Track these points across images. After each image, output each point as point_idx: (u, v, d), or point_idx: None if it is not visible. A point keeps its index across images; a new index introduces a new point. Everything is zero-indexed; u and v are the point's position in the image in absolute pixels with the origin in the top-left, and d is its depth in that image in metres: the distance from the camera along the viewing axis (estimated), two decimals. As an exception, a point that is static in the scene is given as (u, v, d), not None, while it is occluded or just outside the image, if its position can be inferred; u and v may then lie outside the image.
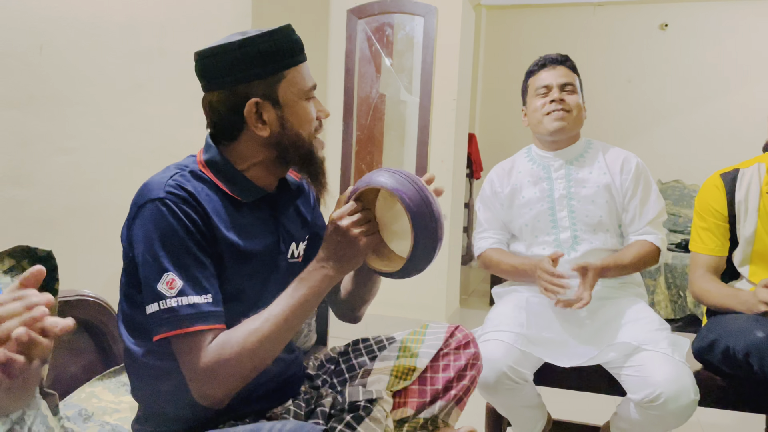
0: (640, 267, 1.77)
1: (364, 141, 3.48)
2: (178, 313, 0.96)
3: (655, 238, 1.77)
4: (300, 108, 1.09)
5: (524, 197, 1.84)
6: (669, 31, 5.07)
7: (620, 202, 1.79)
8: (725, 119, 4.91)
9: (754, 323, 1.46)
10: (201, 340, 0.97)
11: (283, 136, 1.08)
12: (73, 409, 1.28)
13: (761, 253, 1.67)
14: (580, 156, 1.85)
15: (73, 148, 1.97)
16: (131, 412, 1.31)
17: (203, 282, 0.99)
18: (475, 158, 5.22)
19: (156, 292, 0.97)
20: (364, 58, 3.44)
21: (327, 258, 1.06)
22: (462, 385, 1.24)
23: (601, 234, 1.79)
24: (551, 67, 1.84)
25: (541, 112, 1.81)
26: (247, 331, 0.99)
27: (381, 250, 1.16)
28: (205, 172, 1.08)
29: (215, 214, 1.04)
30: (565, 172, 1.83)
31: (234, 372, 0.97)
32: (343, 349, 1.32)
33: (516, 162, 1.93)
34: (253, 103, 1.05)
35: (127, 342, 1.09)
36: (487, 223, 1.93)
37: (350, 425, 1.09)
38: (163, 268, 0.97)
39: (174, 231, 0.99)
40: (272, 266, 1.14)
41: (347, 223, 1.05)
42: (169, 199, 1.00)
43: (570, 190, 1.81)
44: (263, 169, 1.12)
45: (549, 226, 1.81)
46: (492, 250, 1.89)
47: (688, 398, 1.44)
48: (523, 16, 5.49)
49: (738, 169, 1.73)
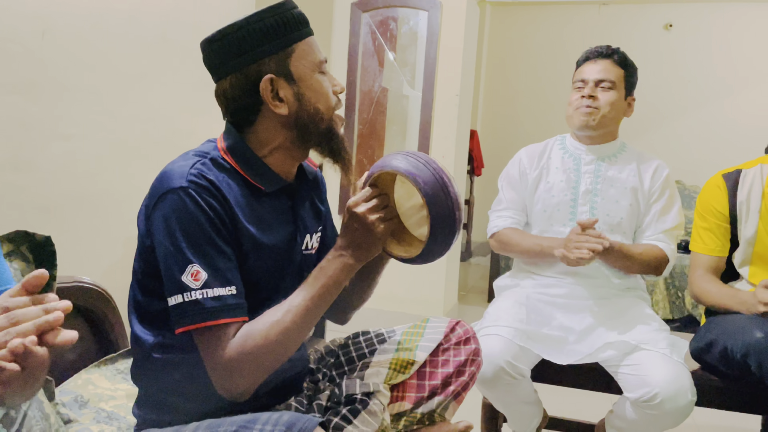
0: (645, 268, 1.74)
1: (365, 135, 3.48)
2: (203, 306, 0.95)
3: (666, 247, 1.74)
4: (315, 81, 1.07)
5: (549, 183, 1.82)
6: (673, 31, 5.06)
7: (644, 207, 1.78)
8: (728, 120, 4.91)
9: (753, 324, 1.46)
10: (225, 332, 0.97)
11: (301, 112, 1.07)
12: (69, 395, 1.27)
13: (762, 254, 1.67)
14: (612, 155, 1.83)
15: (73, 135, 1.96)
16: (127, 399, 1.31)
17: (227, 274, 0.98)
18: (477, 155, 5.21)
19: (180, 283, 0.96)
20: (367, 51, 3.43)
21: (345, 246, 1.05)
22: (461, 380, 1.23)
23: (618, 235, 1.76)
24: (593, 60, 1.80)
25: (573, 106, 1.79)
26: (269, 322, 0.99)
27: (402, 236, 1.13)
28: (227, 159, 1.06)
29: (236, 204, 1.03)
30: (594, 167, 1.81)
31: (257, 364, 0.97)
32: (343, 341, 1.32)
33: (548, 147, 1.90)
34: (268, 80, 1.03)
35: (137, 330, 1.08)
36: (508, 201, 1.89)
37: (346, 418, 1.09)
38: (187, 259, 0.96)
39: (197, 222, 0.97)
40: (288, 258, 1.13)
41: (363, 210, 1.03)
42: (191, 188, 0.98)
43: (596, 186, 1.79)
44: (284, 153, 1.10)
45: (567, 218, 1.79)
46: (510, 229, 1.85)
47: (685, 399, 1.44)
48: (527, 13, 5.48)
49: (740, 169, 1.72)
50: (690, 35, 5.01)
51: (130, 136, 2.16)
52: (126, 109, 2.15)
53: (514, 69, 5.62)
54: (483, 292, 4.42)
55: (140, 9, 2.17)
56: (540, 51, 5.41)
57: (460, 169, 3.58)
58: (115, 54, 2.10)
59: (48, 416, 1.10)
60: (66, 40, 1.92)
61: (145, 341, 1.06)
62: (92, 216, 2.05)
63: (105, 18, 2.04)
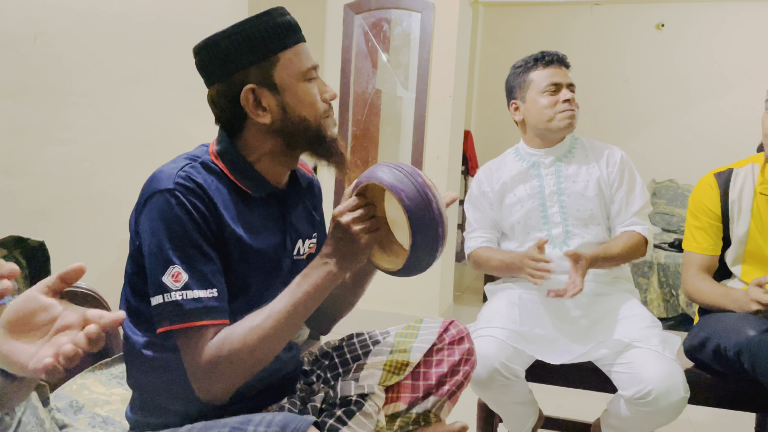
0: (629, 258, 1.78)
1: (359, 136, 3.48)
2: (183, 307, 0.96)
3: (642, 229, 1.78)
4: (300, 90, 1.07)
5: (515, 195, 1.85)
6: (665, 30, 5.08)
7: (608, 194, 1.81)
8: (720, 119, 4.93)
9: (746, 322, 1.47)
10: (204, 335, 0.97)
11: (286, 122, 1.06)
12: (64, 400, 1.27)
13: (754, 252, 1.68)
14: (568, 152, 1.87)
15: (66, 139, 1.96)
16: (122, 404, 1.30)
17: (209, 276, 0.99)
18: (471, 155, 5.22)
19: (161, 284, 0.96)
20: (360, 53, 3.43)
21: (330, 254, 1.04)
22: (455, 380, 1.24)
23: (592, 228, 1.80)
24: (558, 66, 1.84)
25: (552, 110, 1.80)
26: (248, 327, 0.98)
27: (389, 246, 1.12)
28: (217, 163, 1.07)
29: (224, 208, 1.03)
30: (555, 168, 1.84)
31: (234, 368, 0.97)
32: (338, 343, 1.32)
33: (504, 161, 1.94)
34: (249, 90, 1.04)
35: (128, 331, 1.08)
36: (476, 222, 1.93)
37: (341, 420, 1.09)
38: (168, 260, 0.96)
39: (181, 223, 0.98)
40: (277, 263, 1.13)
41: (347, 219, 1.02)
42: (178, 190, 0.99)
43: (560, 185, 1.82)
44: (272, 160, 1.10)
45: (540, 223, 1.82)
46: (481, 248, 1.90)
47: (678, 395, 1.45)
48: (520, 13, 5.49)
49: (732, 168, 1.73)
50: (682, 35, 5.03)
51: (124, 139, 2.16)
52: (119, 113, 2.15)
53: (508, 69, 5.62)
54: (478, 292, 4.43)
55: (133, 12, 2.17)
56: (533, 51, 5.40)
57: (454, 170, 3.59)
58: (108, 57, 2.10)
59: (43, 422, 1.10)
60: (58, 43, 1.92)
61: (136, 342, 1.06)
62: (86, 220, 2.04)
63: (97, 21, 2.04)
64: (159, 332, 0.97)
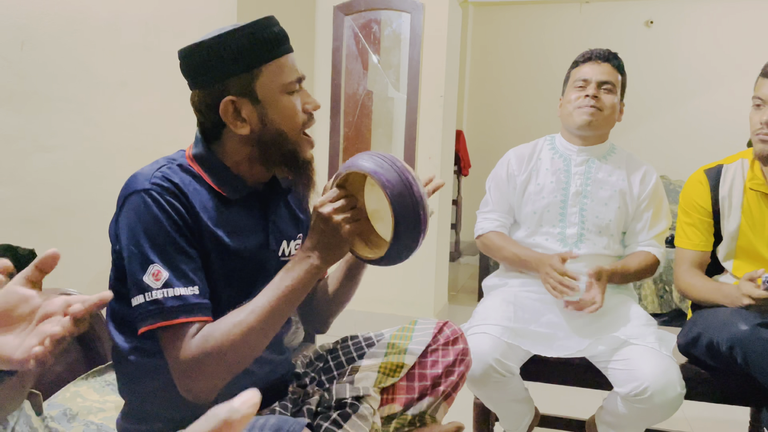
0: (641, 277, 1.79)
1: (351, 138, 3.47)
2: (164, 305, 0.95)
3: (657, 252, 1.79)
4: (281, 103, 1.07)
5: (539, 184, 1.83)
6: (654, 28, 5.11)
7: (632, 210, 1.80)
8: (710, 115, 4.96)
9: (738, 316, 1.47)
10: (186, 332, 0.96)
11: (264, 134, 1.06)
12: (58, 408, 1.26)
13: (745, 248, 1.68)
14: (603, 157, 1.85)
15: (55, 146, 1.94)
16: (116, 411, 1.30)
17: (189, 274, 0.98)
18: (463, 155, 5.23)
19: (141, 284, 0.96)
20: (351, 54, 3.43)
21: (312, 248, 1.04)
22: (450, 380, 1.24)
23: (605, 237, 1.79)
24: (596, 62, 1.82)
25: (574, 104, 1.80)
26: (231, 323, 0.98)
27: (370, 237, 1.13)
28: (193, 166, 1.07)
29: (202, 208, 1.03)
30: (585, 168, 1.82)
31: (218, 364, 0.96)
32: (332, 346, 1.31)
33: (537, 148, 1.90)
34: (228, 101, 1.03)
35: (115, 338, 1.07)
36: (494, 204, 1.90)
37: (336, 422, 1.08)
38: (148, 259, 0.96)
39: (159, 222, 0.97)
40: (261, 264, 1.12)
41: (329, 210, 1.02)
42: (154, 190, 0.98)
43: (587, 188, 1.80)
44: (249, 166, 1.11)
45: (557, 219, 1.80)
46: (495, 233, 1.87)
47: (674, 392, 1.46)
48: (509, 13, 5.51)
49: (722, 164, 1.74)
50: (671, 32, 5.06)
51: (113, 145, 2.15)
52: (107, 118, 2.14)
53: (498, 68, 5.64)
54: (473, 291, 4.43)
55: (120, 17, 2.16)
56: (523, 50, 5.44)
57: (447, 169, 3.59)
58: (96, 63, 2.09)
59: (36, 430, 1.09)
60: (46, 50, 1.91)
61: (122, 348, 1.06)
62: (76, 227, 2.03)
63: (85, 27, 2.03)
64: (140, 332, 0.96)
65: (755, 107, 1.63)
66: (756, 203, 1.66)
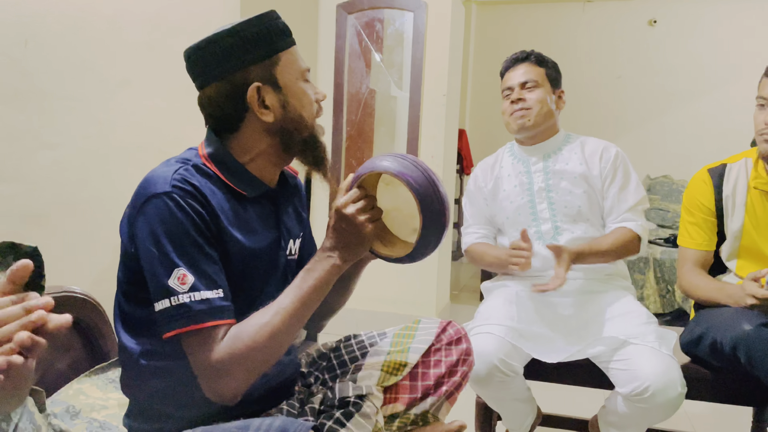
0: (621, 254, 1.77)
1: (354, 137, 3.47)
2: (191, 309, 0.95)
3: (634, 225, 1.77)
4: (299, 89, 1.10)
5: (505, 191, 1.88)
6: (658, 27, 5.09)
7: (599, 190, 1.82)
8: (713, 115, 4.95)
9: (741, 316, 1.47)
10: (214, 335, 0.96)
11: (286, 120, 1.08)
12: (61, 406, 1.26)
13: (748, 247, 1.68)
14: (557, 149, 1.88)
15: (59, 144, 1.95)
16: (119, 408, 1.30)
17: (213, 277, 0.98)
18: (466, 154, 5.22)
19: (166, 288, 0.95)
20: (353, 53, 3.43)
21: (333, 247, 1.05)
22: (453, 380, 1.24)
23: (581, 224, 1.80)
24: (513, 67, 1.89)
25: (507, 113, 1.86)
26: (257, 324, 0.98)
27: (384, 236, 1.15)
28: (208, 165, 1.07)
29: (220, 210, 1.03)
30: (542, 165, 1.86)
31: (247, 366, 0.97)
32: (335, 345, 1.32)
33: (499, 157, 1.97)
34: (255, 88, 1.05)
35: (124, 339, 1.07)
36: (472, 218, 1.96)
37: (340, 421, 1.08)
38: (173, 263, 0.96)
39: (182, 226, 0.97)
40: (273, 263, 1.13)
41: (352, 211, 1.04)
42: (175, 193, 0.98)
43: (548, 182, 1.83)
44: (266, 159, 1.11)
45: (530, 219, 1.84)
46: (477, 244, 1.92)
47: (675, 391, 1.46)
48: (513, 11, 5.50)
49: (725, 164, 1.74)
50: (675, 31, 5.05)
51: (116, 143, 2.15)
52: (111, 117, 2.14)
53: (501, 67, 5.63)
54: (475, 291, 4.43)
55: (124, 16, 2.17)
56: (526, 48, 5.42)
57: (449, 168, 3.59)
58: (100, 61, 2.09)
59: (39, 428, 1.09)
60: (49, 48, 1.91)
61: (131, 350, 1.06)
62: (80, 225, 2.03)
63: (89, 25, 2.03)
64: (166, 337, 0.96)
65: (759, 107, 1.62)
66: (760, 203, 1.65)
